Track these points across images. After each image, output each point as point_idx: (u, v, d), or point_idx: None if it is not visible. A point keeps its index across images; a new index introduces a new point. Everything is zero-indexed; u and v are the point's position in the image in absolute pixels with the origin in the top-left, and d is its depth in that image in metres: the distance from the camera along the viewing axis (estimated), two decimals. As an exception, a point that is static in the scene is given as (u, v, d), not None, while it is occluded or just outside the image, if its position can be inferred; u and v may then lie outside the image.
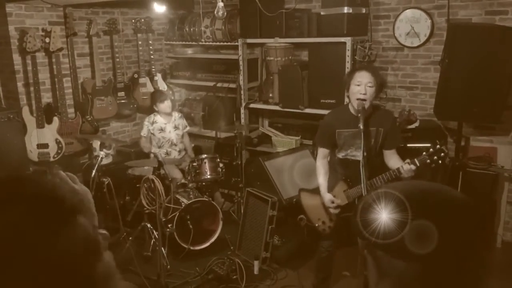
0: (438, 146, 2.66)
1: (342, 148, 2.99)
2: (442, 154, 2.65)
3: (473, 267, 0.75)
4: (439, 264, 0.72)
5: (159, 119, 4.54)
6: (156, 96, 4.65)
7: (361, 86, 2.77)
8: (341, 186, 2.98)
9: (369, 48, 4.21)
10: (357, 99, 2.78)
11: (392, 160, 2.93)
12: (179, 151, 4.63)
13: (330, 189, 2.99)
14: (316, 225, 3.09)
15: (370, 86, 2.77)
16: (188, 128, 4.79)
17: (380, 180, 2.77)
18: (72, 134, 4.51)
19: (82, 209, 0.69)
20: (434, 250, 0.71)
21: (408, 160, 2.74)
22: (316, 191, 3.10)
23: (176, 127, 4.62)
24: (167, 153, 4.53)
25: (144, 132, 4.54)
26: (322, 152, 3.08)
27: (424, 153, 2.70)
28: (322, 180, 3.02)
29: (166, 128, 4.55)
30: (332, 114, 3.08)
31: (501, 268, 3.36)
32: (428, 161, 2.67)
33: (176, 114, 4.69)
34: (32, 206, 0.64)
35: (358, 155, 2.82)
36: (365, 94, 2.76)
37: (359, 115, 2.75)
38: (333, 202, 2.94)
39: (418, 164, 2.69)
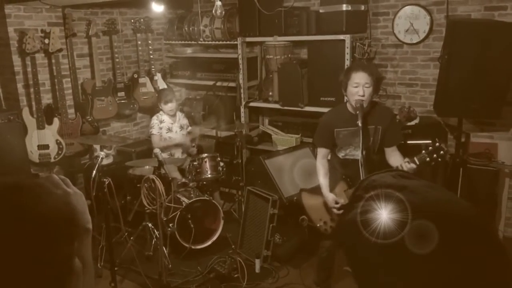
0: (437, 144, 2.62)
1: (341, 147, 2.99)
2: (442, 152, 2.61)
3: None
4: None
5: (166, 119, 4.49)
6: (162, 96, 4.53)
7: (358, 87, 2.77)
8: (342, 186, 2.98)
9: (368, 45, 4.21)
10: (356, 100, 2.78)
11: (393, 157, 2.91)
12: (182, 152, 4.62)
13: (331, 189, 2.98)
14: (318, 225, 3.06)
15: (367, 87, 2.77)
16: (190, 128, 4.77)
17: None
18: (72, 134, 4.51)
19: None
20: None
21: (407, 159, 2.72)
22: (317, 191, 3.08)
23: (181, 127, 4.60)
24: (171, 154, 4.50)
25: (156, 131, 4.43)
26: (321, 152, 3.07)
27: (423, 151, 2.66)
28: (323, 180, 3.00)
29: (173, 128, 4.52)
30: (330, 113, 3.08)
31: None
32: (428, 159, 2.64)
33: (180, 114, 4.67)
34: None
35: (357, 154, 2.81)
36: (363, 95, 2.76)
37: (357, 112, 2.75)
38: (337, 203, 2.90)
39: (417, 163, 2.67)
